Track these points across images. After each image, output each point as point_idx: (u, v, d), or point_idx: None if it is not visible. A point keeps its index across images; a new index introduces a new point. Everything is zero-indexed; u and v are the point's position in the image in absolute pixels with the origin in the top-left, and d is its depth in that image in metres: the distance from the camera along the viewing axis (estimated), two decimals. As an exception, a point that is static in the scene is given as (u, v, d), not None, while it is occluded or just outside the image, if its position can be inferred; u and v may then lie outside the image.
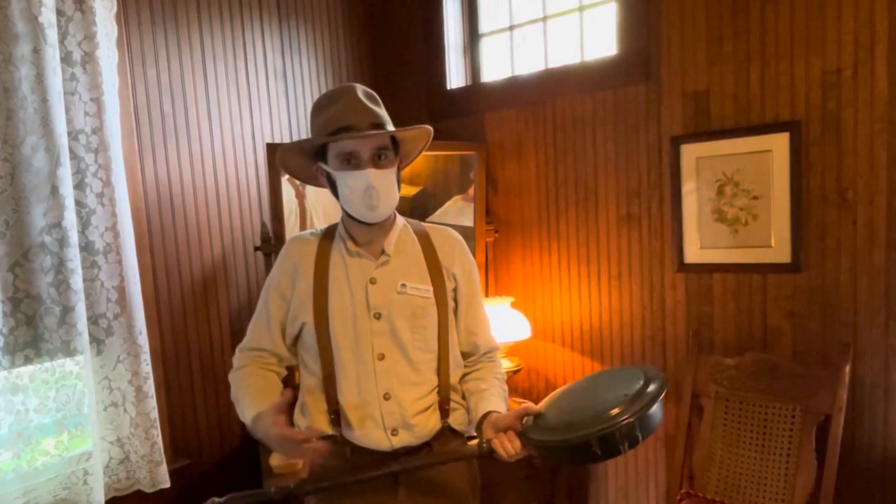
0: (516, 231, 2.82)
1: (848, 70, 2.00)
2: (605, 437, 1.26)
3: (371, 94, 1.51)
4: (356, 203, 1.46)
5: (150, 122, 2.29)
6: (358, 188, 1.44)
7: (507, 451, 1.37)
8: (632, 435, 1.27)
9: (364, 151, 1.44)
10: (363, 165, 1.44)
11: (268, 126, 2.65)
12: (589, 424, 1.28)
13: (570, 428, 1.31)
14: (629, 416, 1.26)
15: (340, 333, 1.50)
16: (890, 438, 2.01)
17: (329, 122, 1.45)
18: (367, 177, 1.43)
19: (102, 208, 2.05)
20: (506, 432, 1.39)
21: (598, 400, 1.36)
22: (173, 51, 2.35)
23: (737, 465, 2.12)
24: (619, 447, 1.27)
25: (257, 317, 1.60)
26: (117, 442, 2.10)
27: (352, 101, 1.46)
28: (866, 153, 1.99)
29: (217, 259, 2.47)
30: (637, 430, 1.27)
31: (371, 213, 1.47)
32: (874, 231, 1.99)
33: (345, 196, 1.48)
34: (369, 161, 1.44)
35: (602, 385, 1.44)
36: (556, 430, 1.33)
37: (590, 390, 1.44)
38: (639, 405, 1.28)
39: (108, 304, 2.05)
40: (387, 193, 1.47)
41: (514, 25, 2.85)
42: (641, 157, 2.44)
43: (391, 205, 1.50)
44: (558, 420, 1.36)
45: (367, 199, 1.44)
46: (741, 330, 2.26)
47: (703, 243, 2.32)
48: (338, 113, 1.45)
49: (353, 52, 2.98)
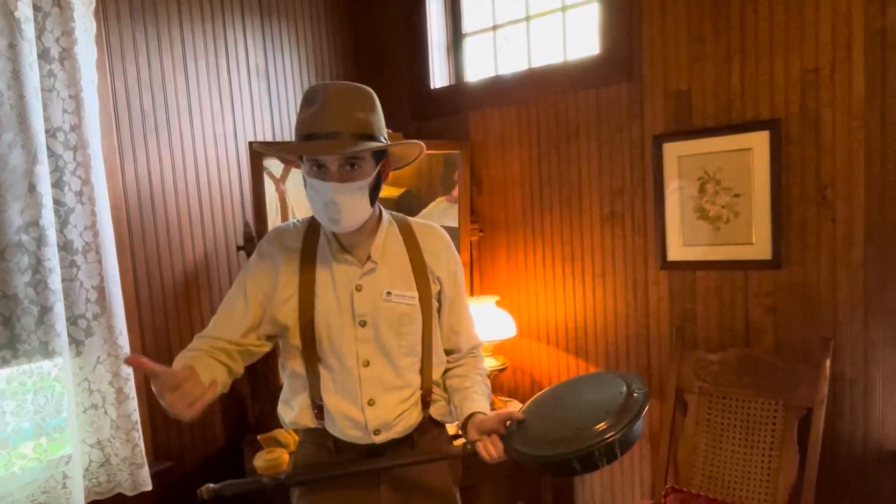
0: (501, 230, 2.83)
1: (826, 69, 2.03)
2: (585, 456, 1.30)
3: (356, 94, 1.42)
4: (319, 213, 1.42)
5: (130, 120, 2.26)
6: (319, 200, 1.39)
7: (491, 454, 1.39)
8: (611, 452, 1.30)
9: (331, 163, 1.36)
10: (327, 178, 1.37)
11: (250, 124, 2.62)
12: (570, 442, 1.31)
13: (551, 443, 1.33)
14: (610, 435, 1.29)
15: (325, 339, 1.47)
16: (870, 431, 2.05)
17: (302, 125, 1.39)
18: (328, 191, 1.36)
19: (81, 207, 2.01)
20: (489, 436, 1.41)
21: (580, 413, 1.38)
22: (153, 47, 2.32)
23: (721, 460, 2.14)
24: (597, 464, 1.31)
25: (225, 307, 1.50)
26: (97, 445, 2.06)
27: (326, 104, 1.36)
28: (844, 151, 2.02)
29: (199, 259, 2.44)
30: (616, 448, 1.30)
31: (332, 225, 1.42)
32: (853, 228, 2.03)
33: (310, 202, 1.43)
34: (336, 173, 1.37)
35: (584, 394, 1.46)
36: (537, 442, 1.36)
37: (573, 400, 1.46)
38: (621, 424, 1.30)
39: (88, 304, 2.01)
40: (351, 208, 1.39)
41: (497, 25, 2.86)
42: (624, 155, 2.45)
43: (357, 218, 1.42)
44: (540, 432, 1.38)
45: (328, 212, 1.38)
46: (724, 326, 2.28)
47: (686, 241, 2.34)
48: (309, 117, 1.38)
49: (336, 51, 2.96)
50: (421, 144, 1.49)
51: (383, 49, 3.05)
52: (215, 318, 1.51)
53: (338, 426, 1.50)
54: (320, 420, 1.51)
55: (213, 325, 1.49)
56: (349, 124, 1.36)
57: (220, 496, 1.41)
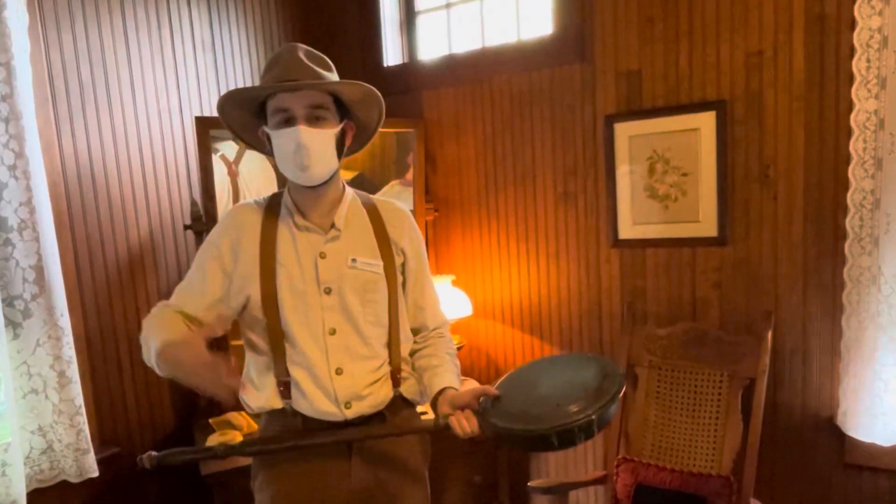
0: (456, 209, 2.83)
1: (769, 52, 2.10)
2: (565, 431, 1.32)
3: (317, 55, 1.47)
4: (288, 163, 1.41)
5: (68, 92, 2.14)
6: (289, 147, 1.39)
7: (464, 429, 1.38)
8: (589, 429, 1.33)
9: (297, 108, 1.39)
10: (295, 122, 1.39)
11: (196, 100, 2.53)
12: (551, 418, 1.32)
13: (531, 419, 1.34)
14: (590, 412, 1.31)
15: (290, 308, 1.45)
16: (808, 399, 2.15)
17: (268, 80, 1.41)
18: (296, 134, 1.37)
19: (16, 182, 1.90)
20: (463, 410, 1.41)
21: (558, 391, 1.40)
22: (91, 17, 2.21)
23: (670, 430, 2.22)
24: (575, 440, 1.34)
25: (188, 281, 1.48)
26: (39, 431, 1.96)
27: (292, 58, 1.41)
28: (786, 131, 2.10)
29: (144, 238, 2.35)
30: (595, 426, 1.33)
31: (302, 174, 1.41)
32: (793, 205, 2.12)
33: (278, 157, 1.43)
34: (303, 118, 1.39)
35: (560, 374, 1.47)
36: (516, 417, 1.36)
37: (549, 379, 1.47)
38: (600, 403, 1.33)
39: (25, 284, 1.91)
40: (320, 153, 1.40)
41: (450, 3, 2.84)
42: (577, 135, 2.49)
43: (325, 167, 1.43)
44: (518, 408, 1.38)
45: (297, 158, 1.39)
46: (672, 301, 2.35)
47: (636, 219, 2.40)
48: (276, 72, 1.40)
49: (286, 26, 2.89)
50: (378, 96, 1.49)
51: (335, 25, 2.99)
52: (179, 292, 1.48)
53: (307, 400, 1.46)
54: (287, 399, 1.48)
55: (177, 299, 1.47)
56: (311, 75, 1.41)
57: (165, 465, 1.34)
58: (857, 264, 1.99)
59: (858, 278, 1.99)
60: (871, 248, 1.95)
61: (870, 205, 1.95)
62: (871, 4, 1.88)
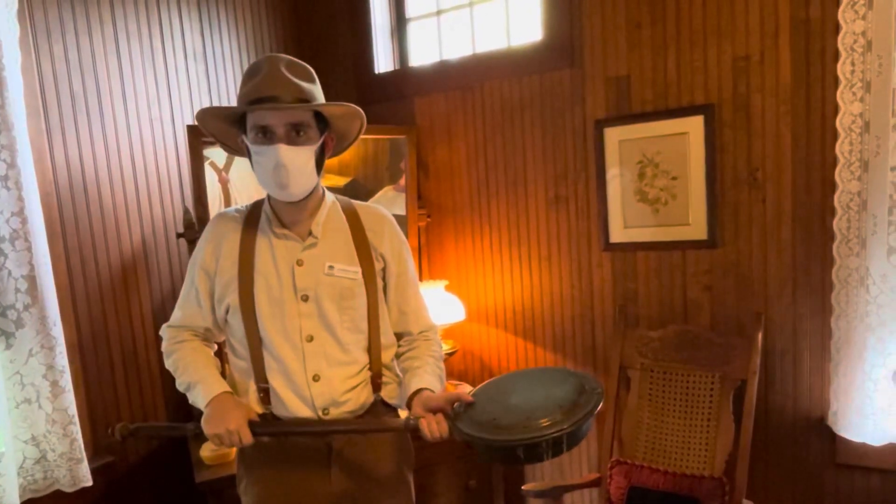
0: (448, 215, 2.84)
1: (756, 56, 2.12)
2: (531, 447, 1.29)
3: (299, 65, 1.45)
4: (267, 180, 1.42)
5: (59, 102, 2.15)
6: (268, 165, 1.39)
7: (433, 432, 1.38)
8: (558, 446, 1.29)
9: (278, 126, 1.38)
10: (275, 140, 1.38)
11: (188, 108, 2.54)
12: (518, 430, 1.30)
13: (499, 429, 1.32)
14: (559, 429, 1.28)
15: (267, 315, 1.47)
16: (799, 400, 2.17)
17: (249, 92, 1.40)
18: (276, 153, 1.38)
19: (7, 192, 1.90)
20: (435, 414, 1.40)
21: (532, 404, 1.37)
22: (82, 28, 2.21)
23: (662, 432, 2.23)
24: (542, 456, 1.30)
25: (186, 295, 1.56)
26: (32, 441, 1.96)
27: (273, 71, 1.39)
28: (773, 134, 2.13)
29: (137, 247, 2.36)
30: (564, 443, 1.29)
31: (281, 192, 1.43)
32: (781, 208, 2.14)
33: (258, 171, 1.44)
34: (283, 137, 1.39)
35: (538, 386, 1.45)
36: (485, 426, 1.34)
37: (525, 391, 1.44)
38: (572, 419, 1.30)
39: (18, 294, 1.91)
40: (299, 172, 1.41)
41: (441, 10, 2.86)
42: (567, 140, 2.51)
43: (305, 184, 1.44)
44: (489, 417, 1.36)
45: (276, 176, 1.39)
46: (663, 304, 2.37)
47: (627, 223, 2.41)
48: (257, 84, 1.39)
49: (277, 34, 2.90)
50: (361, 113, 1.50)
51: (326, 32, 3.01)
52: (180, 308, 1.57)
53: (286, 407, 1.48)
54: (267, 405, 1.50)
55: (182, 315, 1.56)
56: (293, 90, 1.39)
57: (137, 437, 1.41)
58: (845, 265, 2.01)
59: (846, 279, 2.01)
60: (859, 249, 1.97)
61: (857, 206, 1.97)
62: (854, 9, 1.91)
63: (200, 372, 1.48)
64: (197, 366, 1.50)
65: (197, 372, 1.48)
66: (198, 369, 1.49)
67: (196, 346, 1.54)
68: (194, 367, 1.49)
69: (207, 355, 1.55)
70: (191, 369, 1.49)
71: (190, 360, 1.51)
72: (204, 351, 1.55)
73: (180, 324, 1.56)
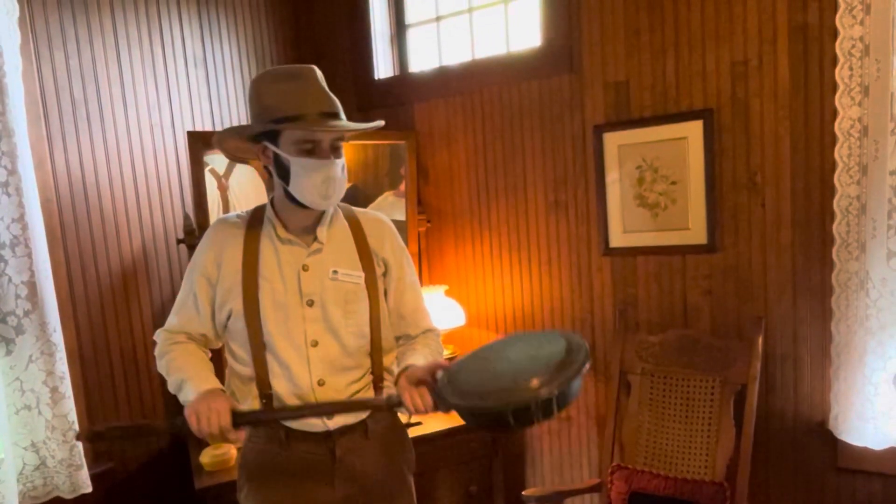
0: (448, 220, 2.85)
1: (754, 61, 2.13)
2: (521, 410, 1.22)
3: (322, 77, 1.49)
4: (311, 191, 1.43)
5: (60, 109, 2.16)
6: (316, 178, 1.42)
7: (417, 405, 1.34)
8: (548, 407, 1.22)
9: (325, 141, 1.43)
10: (323, 155, 1.43)
11: (188, 114, 2.54)
12: (506, 394, 1.23)
13: (486, 395, 1.25)
14: (548, 388, 1.21)
15: (272, 321, 1.47)
16: (800, 404, 2.17)
17: (287, 102, 1.40)
18: (328, 167, 1.42)
19: (8, 198, 1.91)
20: (418, 386, 1.37)
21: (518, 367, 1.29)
22: (83, 34, 2.22)
23: (663, 436, 2.22)
24: (533, 419, 1.23)
25: (183, 301, 1.55)
26: (31, 447, 1.96)
27: (313, 84, 1.44)
28: (772, 139, 2.13)
29: (137, 253, 2.36)
30: (554, 404, 1.22)
31: (324, 202, 1.46)
32: (780, 211, 2.14)
33: (299, 183, 1.43)
34: (328, 151, 1.44)
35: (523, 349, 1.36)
36: (471, 394, 1.27)
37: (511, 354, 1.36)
38: (561, 378, 1.22)
39: (18, 300, 1.92)
40: (342, 183, 1.47)
41: (440, 16, 2.87)
42: (567, 145, 2.51)
43: (342, 193, 1.50)
44: (474, 384, 1.29)
45: (323, 188, 1.43)
46: (663, 309, 2.37)
47: (627, 227, 2.41)
48: (299, 94, 1.41)
49: (277, 40, 2.91)
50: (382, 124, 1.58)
51: (325, 38, 3.02)
52: (176, 313, 1.55)
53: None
54: None
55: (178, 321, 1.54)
56: (335, 105, 1.45)
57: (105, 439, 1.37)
58: (845, 269, 2.01)
59: (846, 283, 2.01)
60: (859, 253, 1.97)
61: (856, 210, 1.97)
62: (852, 14, 1.91)
63: (194, 369, 1.46)
64: (190, 364, 1.48)
65: (191, 369, 1.46)
66: (191, 367, 1.47)
67: (191, 349, 1.53)
68: (187, 366, 1.47)
69: (202, 357, 1.53)
70: (184, 368, 1.47)
71: (183, 360, 1.49)
72: (199, 353, 1.53)
73: (176, 328, 1.54)
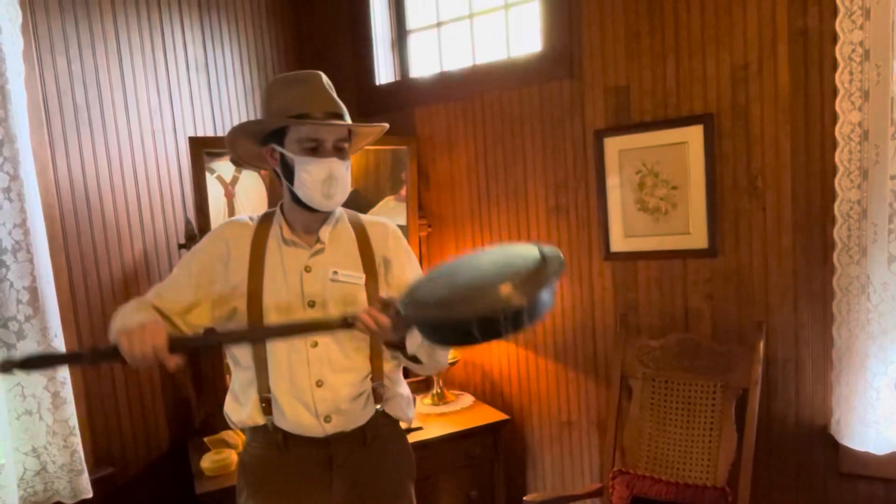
0: (449, 225, 2.85)
1: (754, 65, 2.13)
2: (487, 320, 1.10)
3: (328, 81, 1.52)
4: (313, 190, 1.45)
5: (62, 114, 2.16)
6: (318, 176, 1.44)
7: (369, 324, 1.28)
8: (518, 318, 1.11)
9: (328, 140, 1.45)
10: (326, 154, 1.45)
11: (190, 120, 2.55)
12: (471, 303, 1.11)
13: (448, 305, 1.13)
14: (517, 297, 1.08)
15: (275, 321, 1.48)
16: (801, 408, 2.16)
17: (294, 103, 1.44)
18: (329, 166, 1.44)
19: (10, 204, 1.91)
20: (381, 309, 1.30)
21: (485, 278, 1.17)
22: (85, 40, 2.23)
23: (665, 441, 2.22)
24: (500, 331, 1.12)
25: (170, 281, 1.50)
26: (32, 452, 1.95)
27: (319, 87, 1.47)
28: (772, 143, 2.13)
29: (139, 258, 2.36)
30: (524, 315, 1.10)
31: (326, 202, 1.47)
32: (781, 216, 2.14)
33: (302, 182, 1.45)
34: (332, 150, 1.46)
35: (493, 258, 1.26)
36: (433, 306, 1.16)
37: (479, 266, 1.24)
38: (531, 287, 1.10)
39: (19, 305, 1.92)
40: (345, 184, 1.49)
41: (441, 22, 2.88)
42: (567, 150, 2.51)
43: (345, 195, 1.51)
44: (438, 296, 1.18)
45: (325, 187, 1.45)
46: (664, 313, 2.36)
47: (627, 232, 2.41)
48: (305, 96, 1.44)
49: (279, 45, 2.92)
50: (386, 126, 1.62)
51: (326, 44, 3.03)
52: (157, 289, 1.50)
53: (287, 416, 1.48)
54: (269, 415, 1.50)
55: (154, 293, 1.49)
56: (338, 108, 1.48)
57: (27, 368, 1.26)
58: (846, 274, 2.00)
59: (848, 287, 2.00)
60: (860, 257, 1.97)
61: (857, 215, 1.97)
62: (852, 18, 1.92)
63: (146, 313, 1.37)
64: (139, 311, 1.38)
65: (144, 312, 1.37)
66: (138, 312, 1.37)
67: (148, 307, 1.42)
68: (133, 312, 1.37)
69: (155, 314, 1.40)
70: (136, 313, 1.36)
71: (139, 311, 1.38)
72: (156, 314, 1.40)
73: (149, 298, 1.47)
